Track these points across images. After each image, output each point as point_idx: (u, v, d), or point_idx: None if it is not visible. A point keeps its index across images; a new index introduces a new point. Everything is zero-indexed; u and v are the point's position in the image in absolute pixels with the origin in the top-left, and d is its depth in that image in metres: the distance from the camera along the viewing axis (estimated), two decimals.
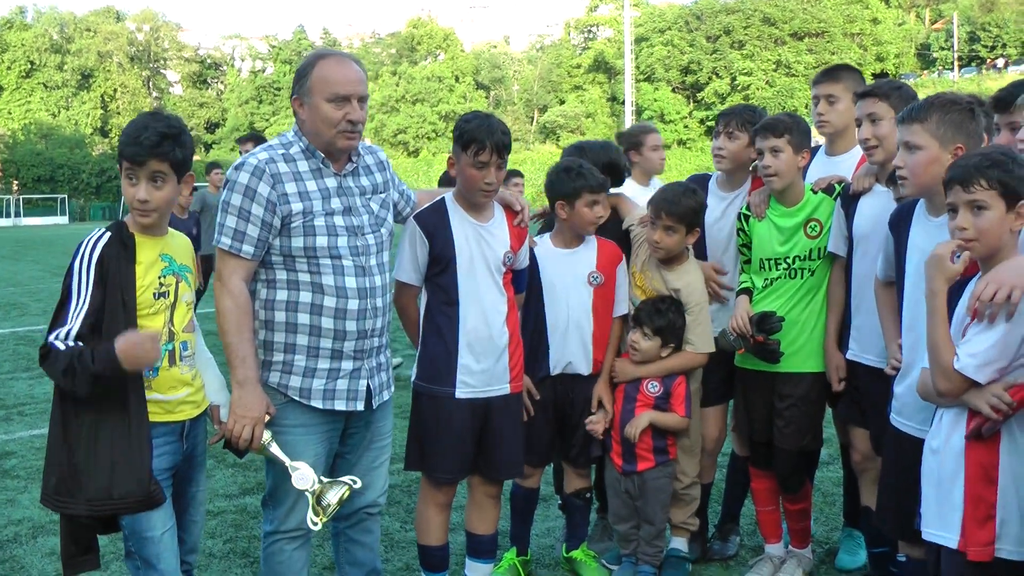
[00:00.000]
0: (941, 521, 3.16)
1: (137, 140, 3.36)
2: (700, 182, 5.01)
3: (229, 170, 3.68)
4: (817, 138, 4.89)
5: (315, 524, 3.59)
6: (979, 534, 3.05)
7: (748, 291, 4.66)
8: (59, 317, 3.31)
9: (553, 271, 4.64)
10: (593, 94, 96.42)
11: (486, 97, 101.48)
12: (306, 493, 3.60)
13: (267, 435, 3.61)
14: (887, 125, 4.12)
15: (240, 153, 8.49)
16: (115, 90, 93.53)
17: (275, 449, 3.63)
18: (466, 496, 4.61)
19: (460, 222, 4.20)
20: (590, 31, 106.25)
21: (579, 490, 4.88)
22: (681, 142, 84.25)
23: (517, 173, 9.06)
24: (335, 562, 4.26)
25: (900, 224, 3.76)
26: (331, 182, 3.77)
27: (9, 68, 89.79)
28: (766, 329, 4.46)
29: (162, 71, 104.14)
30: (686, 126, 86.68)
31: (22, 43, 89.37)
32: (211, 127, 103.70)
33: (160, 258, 3.50)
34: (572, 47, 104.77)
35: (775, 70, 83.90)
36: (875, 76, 60.96)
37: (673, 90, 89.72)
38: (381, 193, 3.97)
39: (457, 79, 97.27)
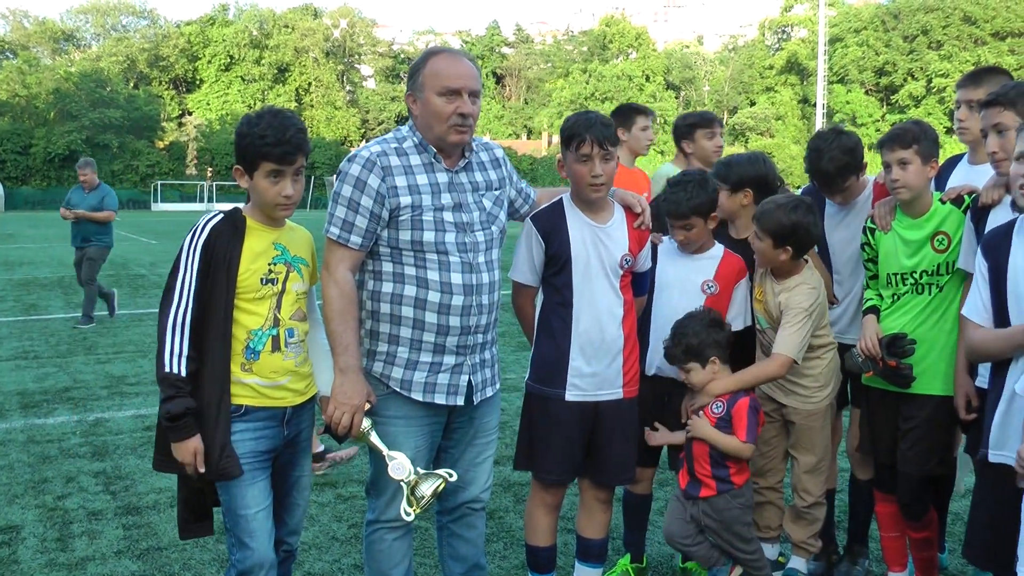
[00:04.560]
0: None
1: (285, 139, 3.46)
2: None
3: (343, 162, 3.76)
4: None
5: (408, 515, 3.63)
6: None
7: (876, 309, 4.42)
8: (168, 298, 3.47)
9: (671, 271, 4.54)
10: (784, 96, 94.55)
11: (676, 97, 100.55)
12: (401, 483, 3.64)
13: (367, 423, 3.66)
14: (1015, 136, 3.76)
15: None
16: (309, 84, 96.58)
17: (374, 438, 3.68)
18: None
19: (577, 223, 4.14)
20: (784, 32, 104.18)
21: None
22: (873, 146, 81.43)
23: None
24: (438, 556, 4.29)
25: (999, 247, 3.50)
26: (442, 177, 3.78)
27: (210, 62, 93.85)
28: (897, 353, 4.23)
29: (356, 66, 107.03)
30: (878, 129, 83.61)
31: (223, 39, 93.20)
32: (401, 120, 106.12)
33: (273, 246, 3.61)
34: (765, 48, 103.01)
35: None
36: None
37: (866, 92, 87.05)
38: (495, 190, 3.96)
39: (647, 78, 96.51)
